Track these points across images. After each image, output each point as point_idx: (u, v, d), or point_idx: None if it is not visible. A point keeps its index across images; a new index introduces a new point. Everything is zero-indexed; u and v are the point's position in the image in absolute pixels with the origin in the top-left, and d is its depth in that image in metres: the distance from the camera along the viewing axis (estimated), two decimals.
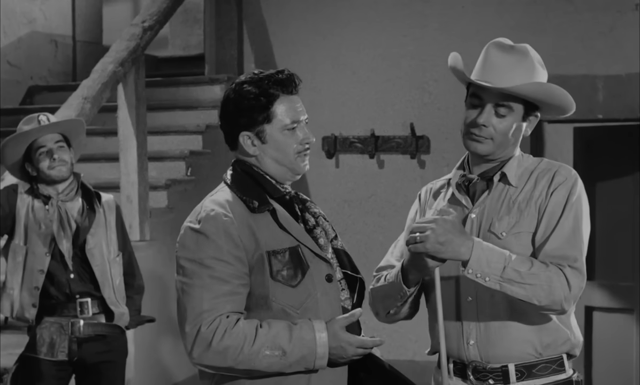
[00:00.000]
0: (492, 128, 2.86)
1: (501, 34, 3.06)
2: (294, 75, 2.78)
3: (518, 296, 2.76)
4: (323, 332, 2.63)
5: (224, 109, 2.80)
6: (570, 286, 2.78)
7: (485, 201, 2.91)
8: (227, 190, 2.78)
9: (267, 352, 2.60)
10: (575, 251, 2.83)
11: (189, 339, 2.65)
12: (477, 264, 2.74)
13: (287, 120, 2.75)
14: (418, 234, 2.74)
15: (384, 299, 2.95)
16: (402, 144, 6.97)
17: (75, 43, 8.86)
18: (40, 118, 4.46)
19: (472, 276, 2.75)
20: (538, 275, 2.76)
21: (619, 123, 6.64)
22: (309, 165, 2.83)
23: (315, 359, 2.62)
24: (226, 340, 2.60)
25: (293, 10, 7.28)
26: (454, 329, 2.90)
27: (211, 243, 2.65)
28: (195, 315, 2.63)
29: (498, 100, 2.86)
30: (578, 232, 2.85)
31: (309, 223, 2.81)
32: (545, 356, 2.88)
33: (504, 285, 2.75)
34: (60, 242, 4.40)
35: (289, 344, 2.61)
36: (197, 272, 2.65)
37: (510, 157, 2.94)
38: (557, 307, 2.79)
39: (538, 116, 2.94)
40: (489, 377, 2.88)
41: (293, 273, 2.68)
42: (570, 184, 2.87)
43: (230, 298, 2.64)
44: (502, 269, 2.74)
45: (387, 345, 6.14)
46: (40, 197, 4.44)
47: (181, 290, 2.68)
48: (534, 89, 2.84)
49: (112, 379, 4.54)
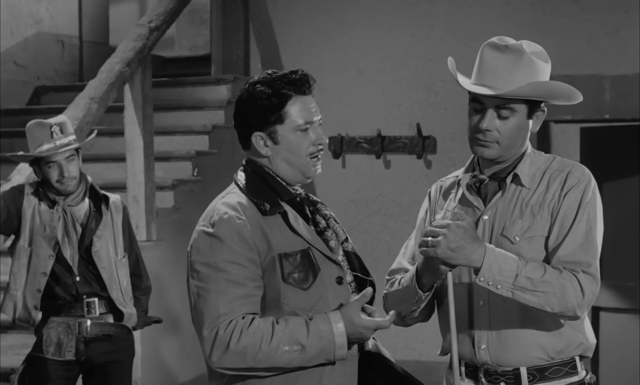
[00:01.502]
0: (496, 132, 2.81)
1: (507, 34, 3.03)
2: (307, 76, 2.76)
3: (530, 304, 2.73)
4: (339, 323, 2.62)
5: (237, 108, 2.78)
6: (584, 292, 2.76)
7: (497, 203, 2.87)
8: (238, 192, 2.76)
9: (286, 348, 2.60)
10: (588, 256, 2.80)
11: (207, 344, 2.62)
12: (489, 272, 2.71)
13: (300, 120, 2.73)
14: (430, 239, 2.72)
15: (399, 303, 2.92)
16: (409, 144, 6.96)
17: (82, 43, 8.87)
18: (53, 130, 4.36)
19: (484, 284, 2.73)
20: (551, 282, 2.73)
21: (625, 123, 6.64)
22: (320, 169, 2.80)
23: (335, 349, 2.62)
24: (243, 340, 2.59)
25: (299, 10, 7.28)
26: (465, 332, 2.88)
27: (225, 246, 2.64)
28: (212, 319, 2.61)
29: (499, 103, 2.81)
30: (591, 236, 2.82)
31: (320, 225, 2.80)
32: (558, 359, 2.86)
33: (516, 293, 2.72)
34: (64, 248, 4.39)
35: (307, 338, 2.60)
36: (213, 276, 2.64)
37: (522, 155, 2.89)
38: (570, 314, 2.77)
39: (545, 111, 2.88)
40: (501, 380, 2.86)
41: (304, 276, 2.68)
42: (583, 186, 2.83)
43: (246, 300, 2.63)
44: (515, 277, 2.72)
45: (393, 346, 6.14)
46: (46, 201, 4.44)
47: (197, 295, 2.66)
48: (531, 89, 2.78)
49: (119, 379, 4.54)
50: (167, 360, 6.26)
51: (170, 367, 6.28)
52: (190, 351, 6.24)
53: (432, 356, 3.13)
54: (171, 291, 6.00)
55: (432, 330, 3.12)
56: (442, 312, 2.98)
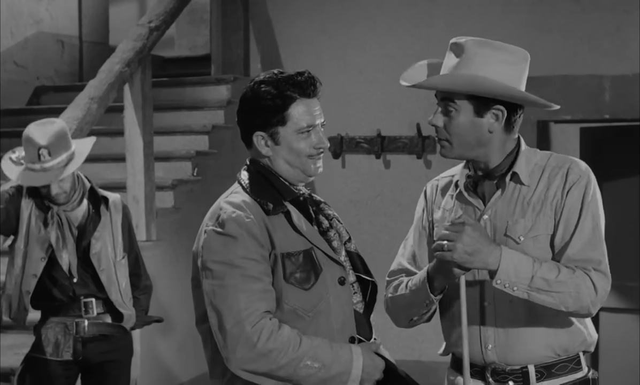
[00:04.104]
0: (443, 129, 2.84)
1: (507, 33, 3.05)
2: (314, 78, 2.76)
3: (546, 304, 2.73)
4: (360, 356, 2.64)
5: (241, 106, 2.78)
6: (597, 290, 2.76)
7: (497, 202, 2.86)
8: (241, 192, 2.76)
9: (308, 363, 2.59)
10: (598, 253, 2.80)
11: (231, 339, 2.58)
12: (505, 275, 2.71)
13: (302, 123, 2.74)
14: (446, 243, 2.70)
15: (408, 307, 2.91)
16: (409, 144, 6.96)
17: (82, 43, 8.87)
18: (40, 152, 4.19)
19: (501, 286, 2.72)
20: (565, 282, 2.73)
21: (625, 123, 6.64)
22: (322, 167, 2.81)
23: (349, 380, 2.62)
24: (271, 342, 2.57)
25: (299, 10, 7.28)
26: (472, 332, 2.87)
27: (239, 243, 2.63)
28: (234, 314, 2.58)
29: (443, 99, 2.83)
30: (598, 232, 2.81)
31: (323, 225, 2.79)
32: (564, 356, 2.87)
33: (532, 294, 2.72)
34: (58, 251, 4.35)
35: (330, 359, 2.61)
36: (229, 273, 2.62)
37: (516, 154, 2.86)
38: (585, 312, 2.78)
39: (503, 110, 2.80)
40: (509, 379, 2.86)
41: (306, 276, 2.67)
42: (584, 182, 2.82)
43: (263, 296, 2.62)
44: (530, 278, 2.71)
45: (394, 346, 6.15)
46: (41, 206, 4.38)
47: (213, 294, 2.63)
48: (442, 81, 2.80)
49: (116, 379, 4.54)
50: (167, 359, 6.26)
51: (170, 367, 6.28)
52: (189, 351, 6.24)
53: (432, 356, 3.12)
54: (171, 291, 6.00)
55: (432, 330, 3.12)
56: (445, 312, 2.97)
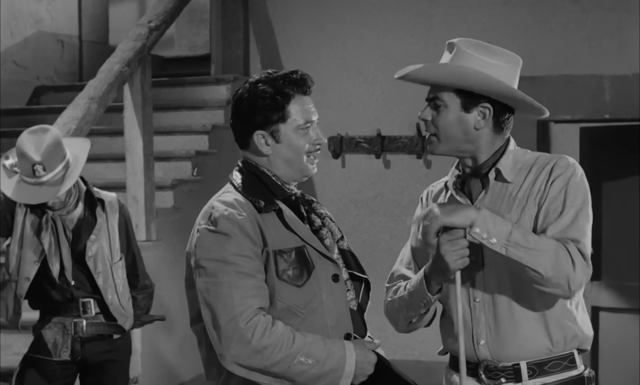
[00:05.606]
0: (431, 123, 2.89)
1: (507, 33, 3.05)
2: (307, 76, 2.80)
3: (523, 261, 2.70)
4: (353, 352, 2.66)
5: (238, 107, 2.80)
6: (575, 264, 2.72)
7: (483, 200, 2.88)
8: (233, 191, 2.78)
9: (302, 359, 2.61)
10: (577, 233, 2.77)
11: (225, 335, 2.61)
12: (483, 224, 2.70)
13: (301, 120, 2.77)
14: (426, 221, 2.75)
15: (405, 309, 2.93)
16: (409, 144, 6.96)
17: (82, 43, 8.87)
18: (35, 168, 4.14)
19: (479, 237, 2.71)
20: (545, 243, 2.72)
21: (625, 123, 6.63)
22: (316, 167, 2.84)
23: (342, 376, 2.64)
24: (265, 339, 2.59)
25: (299, 10, 7.28)
26: (464, 329, 2.87)
27: (232, 240, 2.65)
28: (228, 310, 2.61)
29: (432, 94, 2.91)
30: (582, 217, 2.79)
31: (315, 224, 2.82)
32: (556, 353, 2.87)
33: (510, 250, 2.70)
34: (50, 256, 4.31)
35: (324, 355, 2.63)
36: (222, 269, 2.64)
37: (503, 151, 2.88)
38: (564, 283, 2.72)
39: (489, 108, 2.84)
40: (501, 376, 2.87)
41: (299, 273, 2.69)
42: (568, 175, 2.82)
43: (257, 292, 2.64)
44: (509, 232, 2.71)
45: (393, 346, 6.14)
46: (35, 210, 4.35)
47: (206, 291, 2.65)
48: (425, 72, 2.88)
49: (115, 378, 4.53)
50: (167, 358, 6.26)
51: (171, 366, 6.28)
52: (189, 350, 6.22)
53: (431, 356, 3.12)
54: (171, 291, 5.99)
55: (432, 330, 3.12)
56: (443, 312, 2.99)
